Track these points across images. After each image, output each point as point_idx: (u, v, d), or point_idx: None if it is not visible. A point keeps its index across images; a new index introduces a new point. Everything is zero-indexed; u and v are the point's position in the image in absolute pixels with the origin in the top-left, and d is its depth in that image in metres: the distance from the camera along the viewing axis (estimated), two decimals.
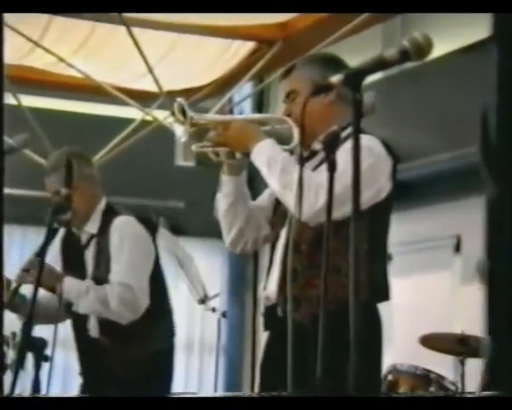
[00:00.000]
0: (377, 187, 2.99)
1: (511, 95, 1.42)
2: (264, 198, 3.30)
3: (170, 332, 4.09)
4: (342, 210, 2.64)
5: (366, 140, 2.96)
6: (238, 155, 3.13)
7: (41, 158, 6.05)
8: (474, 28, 6.10)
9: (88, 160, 4.15)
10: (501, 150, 1.40)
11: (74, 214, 3.83)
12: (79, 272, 3.95)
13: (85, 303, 3.88)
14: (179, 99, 3.13)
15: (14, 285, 3.82)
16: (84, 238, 4.02)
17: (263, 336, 3.31)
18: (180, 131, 3.13)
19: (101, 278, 3.92)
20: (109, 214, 4.00)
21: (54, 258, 4.06)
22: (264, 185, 3.14)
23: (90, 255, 3.99)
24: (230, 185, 3.19)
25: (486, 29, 1.57)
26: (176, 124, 3.16)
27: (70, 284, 3.88)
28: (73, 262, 4.02)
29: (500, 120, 1.42)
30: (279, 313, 3.05)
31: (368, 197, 2.86)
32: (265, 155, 3.00)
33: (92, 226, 3.99)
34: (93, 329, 3.97)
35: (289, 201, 2.89)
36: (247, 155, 3.08)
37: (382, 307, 3.10)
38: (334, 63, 3.14)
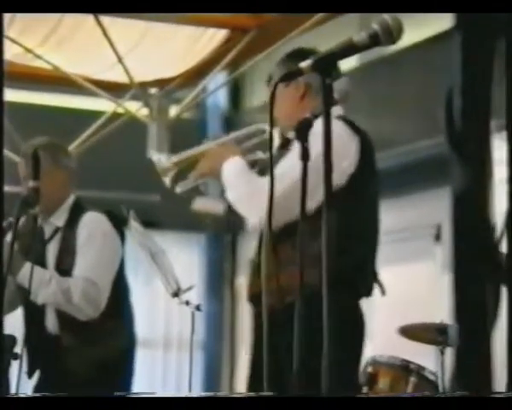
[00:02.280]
0: (338, 170, 2.89)
1: (475, 80, 1.34)
2: None
3: (129, 333, 4.02)
4: (315, 199, 2.55)
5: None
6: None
7: (10, 152, 5.93)
8: (443, 15, 6.02)
9: (65, 150, 4.10)
10: (467, 137, 1.33)
11: (42, 203, 3.72)
12: (38, 264, 3.83)
13: (46, 293, 3.78)
14: (154, 155, 3.14)
15: None
16: (47, 230, 3.93)
17: (241, 330, 3.29)
18: (168, 180, 3.12)
19: (62, 272, 3.84)
20: (77, 209, 3.94)
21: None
22: None
23: (52, 248, 3.90)
24: None
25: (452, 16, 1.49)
26: (162, 174, 3.14)
27: (30, 271, 3.73)
28: (31, 253, 3.89)
29: (465, 106, 1.34)
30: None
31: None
32: (229, 173, 3.02)
33: (59, 219, 3.92)
34: (51, 325, 3.86)
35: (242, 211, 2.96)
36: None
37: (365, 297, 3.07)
38: (306, 54, 3.05)
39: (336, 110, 2.98)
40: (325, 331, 1.98)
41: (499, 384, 1.35)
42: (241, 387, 7.90)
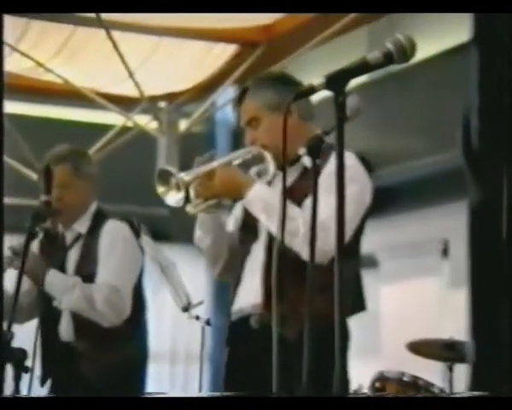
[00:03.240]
0: (365, 206, 2.98)
1: (492, 96, 1.36)
2: (230, 223, 3.24)
3: (145, 342, 4.01)
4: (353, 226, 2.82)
5: (346, 159, 2.95)
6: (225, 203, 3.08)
7: (20, 165, 5.97)
8: (460, 30, 6.04)
9: (88, 158, 4.10)
10: (483, 153, 1.34)
11: (65, 212, 3.84)
12: (59, 270, 3.86)
13: (70, 299, 3.78)
14: (160, 168, 3.01)
15: None
16: (69, 237, 3.94)
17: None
18: (173, 200, 2.96)
19: (83, 279, 3.83)
20: (100, 217, 3.94)
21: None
22: None
23: (73, 255, 3.91)
24: (209, 223, 3.11)
25: (468, 32, 1.51)
26: (166, 196, 2.98)
27: (55, 277, 3.80)
28: (53, 260, 3.91)
29: (482, 123, 1.36)
30: (253, 325, 3.01)
31: (359, 219, 2.93)
32: (262, 202, 2.94)
33: (81, 226, 3.92)
34: (66, 333, 3.86)
35: (298, 247, 2.84)
36: (239, 199, 3.02)
37: (369, 314, 3.09)
38: (287, 82, 3.08)
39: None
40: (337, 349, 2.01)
41: None
42: None
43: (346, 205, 2.47)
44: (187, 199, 2.98)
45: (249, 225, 3.10)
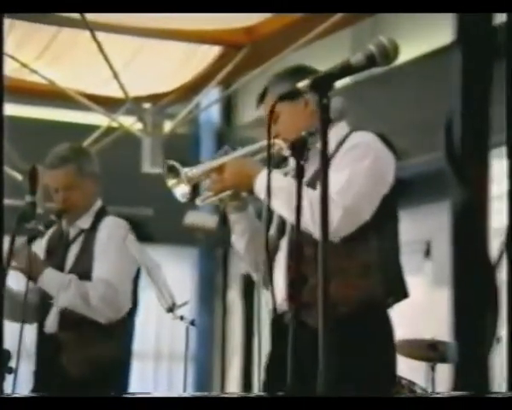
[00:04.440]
0: (387, 182, 2.96)
1: (475, 98, 1.38)
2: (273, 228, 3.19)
3: (131, 340, 4.00)
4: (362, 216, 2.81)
5: (359, 137, 2.96)
6: (243, 195, 3.05)
7: (5, 166, 5.94)
8: (443, 32, 6.09)
9: (91, 156, 4.05)
10: (466, 154, 1.37)
11: (71, 211, 3.86)
12: (59, 267, 3.88)
13: (65, 297, 3.78)
14: (168, 161, 3.02)
15: None
16: (72, 233, 3.95)
17: (232, 343, 3.26)
18: (180, 193, 2.98)
19: (80, 275, 3.84)
20: (102, 214, 3.95)
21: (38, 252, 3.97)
22: None
23: (73, 250, 3.92)
24: (242, 222, 3.09)
25: (451, 33, 1.54)
26: (173, 187, 3.00)
27: (51, 276, 3.81)
28: (55, 256, 3.94)
29: (464, 124, 1.38)
30: (286, 322, 2.92)
31: (379, 192, 2.89)
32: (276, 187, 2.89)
33: (85, 222, 3.93)
34: (51, 324, 3.86)
35: (307, 225, 2.78)
36: (251, 191, 2.99)
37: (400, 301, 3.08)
38: (305, 72, 3.08)
39: (372, 127, 3.03)
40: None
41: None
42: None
43: (359, 180, 2.45)
44: (194, 193, 3.00)
45: (281, 225, 3.08)
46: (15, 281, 3.93)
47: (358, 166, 2.86)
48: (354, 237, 2.85)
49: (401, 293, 3.06)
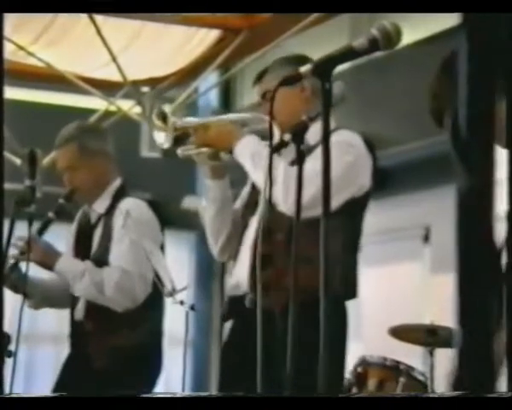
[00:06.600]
0: (359, 183, 3.04)
1: (480, 83, 1.37)
2: (237, 203, 3.27)
3: (159, 326, 3.88)
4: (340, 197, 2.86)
5: (347, 135, 3.03)
6: (222, 157, 3.10)
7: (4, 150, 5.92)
8: (442, 16, 6.07)
9: (98, 133, 3.91)
10: (472, 139, 1.36)
11: (79, 194, 3.72)
12: (86, 253, 3.76)
13: (80, 286, 3.67)
14: (160, 106, 3.12)
15: (10, 262, 3.64)
16: (93, 217, 3.80)
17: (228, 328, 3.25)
18: (161, 138, 3.06)
19: (101, 260, 3.70)
20: (120, 195, 3.76)
21: (68, 238, 3.92)
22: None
23: (96, 235, 3.76)
24: (216, 190, 3.17)
25: (453, 17, 1.52)
26: (155, 130, 3.10)
27: (65, 264, 3.69)
28: (82, 242, 3.82)
29: (471, 109, 1.37)
30: (247, 303, 3.00)
31: (348, 192, 2.97)
32: (249, 151, 2.99)
33: (100, 206, 3.75)
34: (79, 312, 3.76)
35: (275, 194, 2.85)
36: (230, 153, 3.05)
37: (351, 299, 3.10)
38: (306, 61, 3.10)
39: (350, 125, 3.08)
40: (322, 332, 2.00)
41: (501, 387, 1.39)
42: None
43: (336, 169, 2.46)
44: (176, 145, 3.06)
45: (252, 202, 3.12)
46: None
47: (339, 160, 2.84)
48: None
49: (350, 293, 3.09)
